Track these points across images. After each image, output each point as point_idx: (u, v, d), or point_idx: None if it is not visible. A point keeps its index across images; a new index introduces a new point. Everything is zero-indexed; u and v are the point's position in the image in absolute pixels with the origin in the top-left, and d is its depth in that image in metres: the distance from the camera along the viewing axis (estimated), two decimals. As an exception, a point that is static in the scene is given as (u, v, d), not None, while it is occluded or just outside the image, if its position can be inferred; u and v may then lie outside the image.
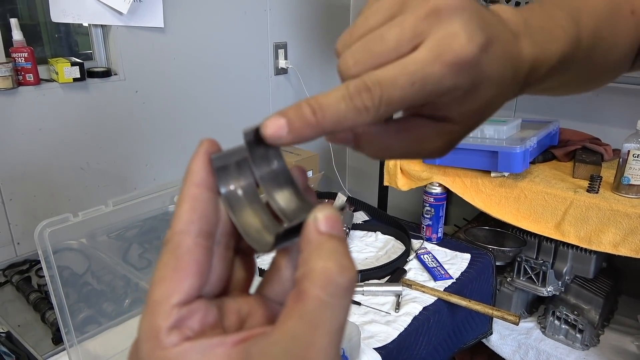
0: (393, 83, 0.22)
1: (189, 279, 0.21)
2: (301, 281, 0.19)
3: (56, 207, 1.40)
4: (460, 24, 0.22)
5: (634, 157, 1.28)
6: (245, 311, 0.23)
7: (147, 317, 0.20)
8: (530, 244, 1.55)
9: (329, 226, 0.20)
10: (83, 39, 1.52)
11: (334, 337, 0.18)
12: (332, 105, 0.22)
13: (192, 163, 0.23)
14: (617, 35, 0.40)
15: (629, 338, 1.49)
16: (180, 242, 0.21)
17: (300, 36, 2.02)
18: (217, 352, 0.19)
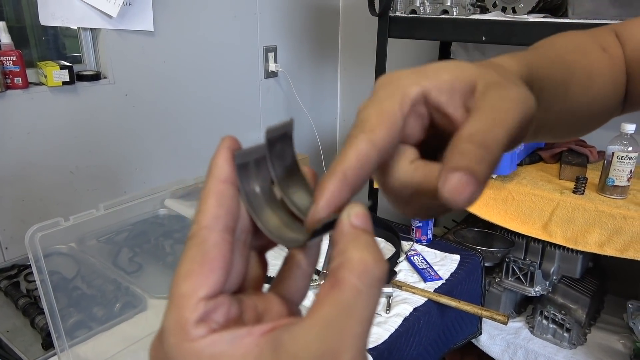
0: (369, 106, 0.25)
1: (215, 273, 0.21)
2: (338, 270, 0.20)
3: (45, 212, 1.39)
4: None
5: (618, 159, 1.30)
6: (261, 308, 0.24)
7: (174, 310, 0.20)
8: (518, 245, 1.57)
9: (362, 221, 0.21)
10: (71, 41, 1.51)
11: (366, 326, 0.19)
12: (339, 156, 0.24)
13: (217, 158, 0.23)
14: (592, 63, 0.42)
15: (615, 336, 1.51)
16: (207, 236, 0.22)
17: (290, 39, 2.03)
18: (245, 342, 0.20)
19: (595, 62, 0.42)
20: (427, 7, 1.54)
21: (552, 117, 0.40)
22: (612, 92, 0.44)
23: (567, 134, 0.48)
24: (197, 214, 0.22)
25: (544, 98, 0.35)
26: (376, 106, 0.24)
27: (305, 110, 2.07)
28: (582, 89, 0.40)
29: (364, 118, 0.24)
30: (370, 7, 1.56)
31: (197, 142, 1.75)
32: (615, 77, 0.44)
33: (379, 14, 1.55)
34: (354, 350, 0.19)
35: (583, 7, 1.29)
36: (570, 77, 0.38)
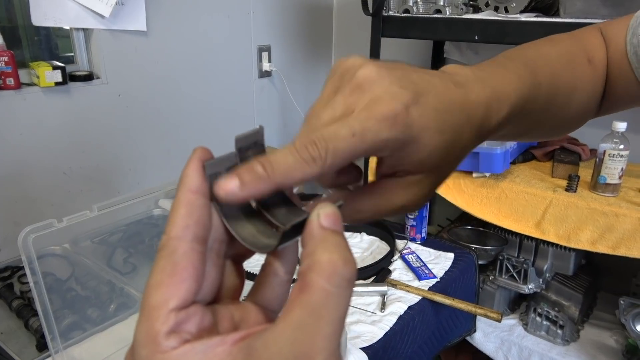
0: (336, 135, 0.24)
1: (186, 283, 0.21)
2: (306, 273, 0.20)
3: (39, 213, 1.38)
4: (381, 89, 0.25)
5: (609, 157, 1.32)
6: (237, 317, 0.24)
7: (144, 323, 0.20)
8: (512, 243, 1.58)
9: (331, 222, 0.21)
10: (64, 41, 1.50)
11: (337, 326, 0.19)
12: (280, 159, 0.23)
13: (187, 169, 0.23)
14: (577, 80, 0.43)
15: (607, 333, 1.53)
16: (177, 247, 0.22)
17: (284, 39, 2.03)
18: (218, 351, 0.20)
19: (580, 79, 0.43)
20: (420, 6, 1.54)
21: (529, 130, 0.42)
22: (589, 103, 0.46)
23: (543, 137, 0.50)
24: (167, 225, 0.22)
25: (521, 124, 0.37)
26: (356, 142, 0.24)
27: (299, 109, 2.07)
28: (561, 107, 0.41)
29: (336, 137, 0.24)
30: (364, 6, 1.56)
31: (191, 143, 1.74)
32: (595, 89, 0.45)
33: (372, 13, 1.56)
34: (326, 352, 0.19)
35: (574, 6, 1.30)
36: (554, 99, 0.39)
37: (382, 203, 0.28)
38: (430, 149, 0.26)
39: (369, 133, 0.24)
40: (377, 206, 0.28)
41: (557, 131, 0.46)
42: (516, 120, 0.34)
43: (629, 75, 0.45)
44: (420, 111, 0.26)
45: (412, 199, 0.28)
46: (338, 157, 0.24)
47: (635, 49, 0.44)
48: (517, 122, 0.35)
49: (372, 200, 0.28)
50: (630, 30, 0.45)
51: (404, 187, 0.28)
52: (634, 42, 0.44)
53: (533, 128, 0.41)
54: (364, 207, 0.28)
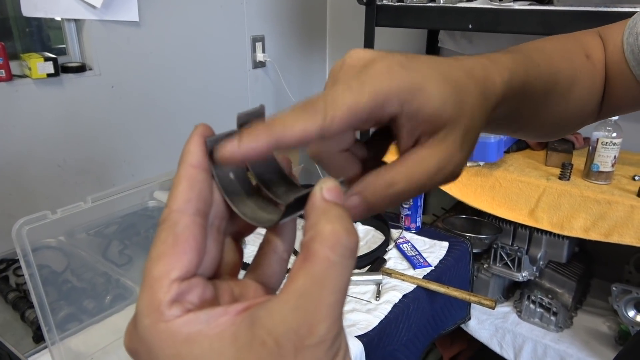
0: (334, 92, 0.24)
1: (188, 255, 0.21)
2: (310, 243, 0.20)
3: (33, 205, 1.38)
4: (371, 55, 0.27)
5: (602, 145, 1.32)
6: (237, 292, 0.24)
7: (147, 293, 0.21)
8: (506, 231, 1.60)
9: (334, 195, 0.21)
10: (55, 33, 1.49)
11: (340, 296, 0.19)
12: (280, 115, 0.23)
13: (189, 145, 0.23)
14: (576, 72, 0.43)
15: (600, 319, 1.55)
16: (178, 219, 0.22)
17: (278, 29, 2.02)
18: (221, 321, 0.20)
19: (578, 70, 0.43)
20: (414, -5, 1.54)
21: (528, 122, 0.42)
22: (589, 99, 0.46)
23: (543, 136, 0.50)
24: (168, 199, 0.23)
25: (522, 108, 0.37)
26: (353, 99, 0.24)
27: (294, 100, 2.06)
28: (561, 97, 0.41)
29: (335, 99, 0.24)
30: (358, -5, 1.55)
31: (185, 134, 1.68)
32: (594, 85, 0.45)
33: (366, 2, 1.55)
34: (330, 320, 0.19)
35: (568, -6, 1.30)
36: (553, 86, 0.39)
37: (416, 169, 0.26)
38: (439, 96, 0.26)
39: (367, 86, 0.24)
40: (411, 174, 0.26)
41: (557, 128, 0.46)
42: (519, 95, 0.34)
43: (627, 76, 0.45)
44: (416, 64, 0.26)
45: (445, 156, 0.27)
46: (339, 110, 0.23)
47: (631, 48, 0.44)
48: (519, 99, 0.34)
49: (404, 169, 0.26)
50: (627, 30, 0.45)
51: (432, 147, 0.27)
52: (630, 41, 0.44)
53: (534, 116, 0.41)
54: (396, 178, 0.26)
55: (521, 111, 0.38)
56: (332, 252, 0.19)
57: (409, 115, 0.26)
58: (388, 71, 0.25)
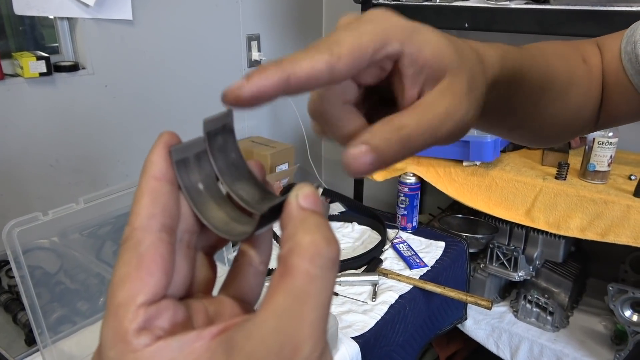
0: (337, 33, 0.23)
1: (154, 276, 0.19)
2: (287, 257, 0.18)
3: (25, 206, 1.36)
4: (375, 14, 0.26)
5: (599, 145, 1.32)
6: (212, 311, 0.22)
7: (111, 321, 0.19)
8: (502, 231, 1.59)
9: (310, 202, 0.20)
10: (49, 31, 1.47)
11: (322, 311, 0.18)
12: (289, 55, 0.22)
13: (151, 155, 0.22)
14: (573, 73, 0.42)
15: (596, 319, 1.55)
16: (142, 238, 0.20)
17: (274, 27, 2.01)
18: (196, 346, 0.18)
19: (575, 72, 0.43)
20: (410, -6, 1.53)
21: (524, 120, 0.41)
22: (586, 103, 0.45)
23: (539, 140, 0.49)
24: (130, 215, 0.21)
25: (517, 96, 0.36)
26: (355, 38, 0.23)
27: (289, 99, 2.05)
28: (558, 95, 0.41)
29: (338, 40, 0.23)
30: (353, -6, 1.55)
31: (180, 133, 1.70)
32: (591, 89, 0.45)
33: (362, 1, 1.54)
34: (313, 339, 0.18)
35: (564, -7, 1.29)
36: (549, 83, 0.39)
37: (424, 113, 0.25)
38: (436, 41, 0.26)
39: (367, 26, 0.24)
40: (421, 117, 0.25)
41: (554, 131, 0.46)
42: (514, 83, 0.33)
43: (625, 85, 0.45)
44: (412, 23, 0.26)
45: (452, 101, 0.26)
46: (343, 48, 0.23)
47: (629, 56, 0.44)
48: (514, 87, 0.34)
49: (413, 114, 0.25)
50: (625, 39, 0.45)
51: (438, 93, 0.26)
52: (628, 50, 0.44)
53: (531, 113, 0.40)
54: (404, 121, 0.25)
55: (516, 101, 0.37)
56: (312, 265, 0.18)
57: (410, 57, 0.25)
58: (384, 15, 0.25)
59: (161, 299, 0.20)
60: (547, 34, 1.32)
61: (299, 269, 0.18)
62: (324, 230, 0.19)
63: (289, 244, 0.19)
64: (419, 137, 0.25)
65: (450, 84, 0.26)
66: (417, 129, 0.25)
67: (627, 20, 0.46)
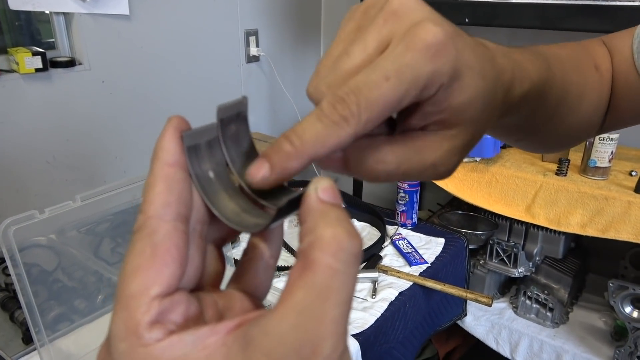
0: (367, 84, 0.21)
1: (169, 267, 0.19)
2: (309, 250, 0.18)
3: (22, 203, 1.35)
4: (422, 14, 0.23)
5: (600, 141, 1.31)
6: (222, 305, 0.22)
7: (122, 313, 0.18)
8: (502, 227, 1.59)
9: (330, 195, 0.19)
10: (45, 27, 1.46)
11: (345, 308, 0.17)
12: (308, 129, 0.21)
13: (163, 140, 0.21)
14: (586, 84, 0.41)
15: (596, 315, 1.54)
16: (157, 227, 0.19)
17: (272, 23, 1.99)
18: (210, 342, 0.18)
19: (588, 82, 0.42)
20: (409, -12, 1.51)
21: (532, 133, 0.40)
22: (595, 113, 0.44)
23: (543, 149, 0.49)
24: (143, 203, 0.20)
25: (532, 119, 0.35)
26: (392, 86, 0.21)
27: (288, 95, 2.04)
28: (570, 110, 0.40)
29: (368, 96, 0.21)
30: (352, -11, 1.53)
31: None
32: (601, 98, 0.44)
33: (361, -4, 1.53)
34: (335, 337, 0.17)
35: (565, -13, 1.28)
36: (563, 98, 0.38)
37: (410, 156, 0.24)
38: (472, 92, 0.24)
39: (407, 70, 0.21)
40: (404, 159, 0.24)
41: (561, 141, 0.46)
42: (533, 105, 0.32)
43: (636, 86, 0.44)
44: (462, 45, 0.23)
45: (444, 157, 0.25)
46: (374, 111, 0.21)
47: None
48: (532, 108, 0.33)
49: (399, 151, 0.24)
50: (637, 40, 0.43)
51: (437, 141, 0.24)
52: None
53: (540, 129, 0.39)
54: (387, 158, 0.24)
55: (529, 122, 0.36)
56: (334, 260, 0.17)
57: (434, 101, 0.23)
58: (437, 45, 0.22)
59: (175, 291, 0.19)
60: (548, 29, 1.31)
61: (321, 263, 0.17)
62: (346, 224, 0.18)
63: (309, 237, 0.18)
64: (391, 176, 0.25)
65: (455, 136, 0.25)
66: (394, 167, 0.24)
67: (629, 16, 0.45)
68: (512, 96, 0.28)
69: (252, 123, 1.08)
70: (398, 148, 0.24)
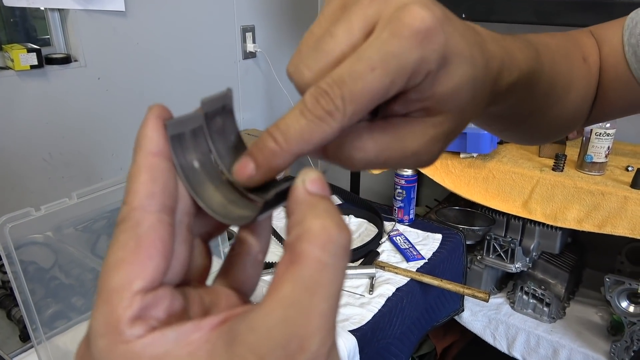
0: (351, 76, 0.20)
1: (153, 261, 0.18)
2: (296, 243, 0.17)
3: (19, 201, 1.35)
4: None
5: (596, 136, 1.32)
6: (208, 301, 0.21)
7: (103, 308, 0.17)
8: (499, 223, 1.59)
9: (318, 187, 0.19)
10: (40, 23, 1.45)
11: (333, 302, 0.17)
12: (292, 125, 0.20)
13: (145, 129, 0.20)
14: (573, 75, 0.41)
15: (593, 309, 1.55)
16: (141, 218, 0.18)
17: (269, 19, 1.98)
18: (193, 338, 0.17)
19: (575, 73, 0.41)
20: (406, -16, 1.51)
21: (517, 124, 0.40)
22: (582, 105, 0.44)
23: (527, 140, 0.48)
24: (127, 194, 0.19)
25: (518, 109, 0.35)
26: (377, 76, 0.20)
27: (285, 92, 2.04)
28: (557, 101, 0.40)
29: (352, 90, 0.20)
30: (349, -16, 1.52)
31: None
32: (589, 90, 0.44)
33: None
34: (323, 332, 0.16)
35: (562, -18, 1.28)
36: (551, 89, 0.37)
37: (392, 144, 0.23)
38: (460, 79, 0.23)
39: (393, 59, 0.20)
40: (384, 147, 0.23)
41: (546, 132, 0.45)
42: (520, 94, 0.32)
43: (625, 79, 0.43)
44: (451, 30, 0.22)
45: (427, 146, 0.24)
46: (360, 104, 0.20)
47: (634, 49, 0.42)
48: (519, 98, 0.32)
49: (379, 139, 0.23)
50: (627, 31, 0.43)
51: (420, 128, 0.23)
52: (632, 42, 0.42)
53: (526, 120, 0.39)
54: (367, 146, 0.23)
55: (515, 112, 0.36)
56: (323, 252, 0.17)
57: (420, 88, 0.22)
58: (424, 31, 0.20)
59: (158, 286, 0.18)
60: (545, 24, 1.31)
61: (310, 256, 0.17)
62: (335, 216, 0.18)
63: (297, 230, 0.17)
64: (371, 164, 0.24)
65: (439, 124, 0.24)
66: (373, 156, 0.23)
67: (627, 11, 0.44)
68: (500, 85, 0.28)
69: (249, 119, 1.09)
70: (378, 135, 0.23)
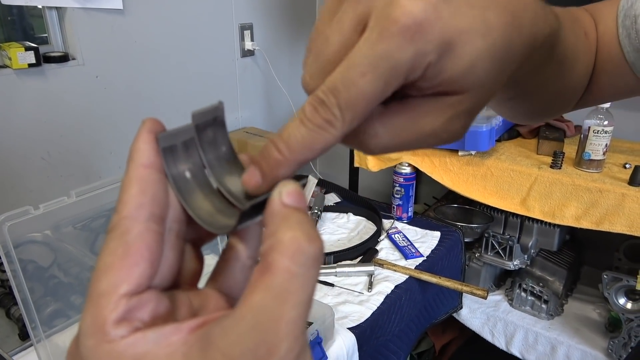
0: (343, 83, 0.20)
1: (139, 266, 0.19)
2: (268, 253, 0.18)
3: (17, 199, 1.35)
4: None
5: (594, 133, 1.32)
6: (196, 304, 0.22)
7: (91, 310, 0.18)
8: (497, 220, 1.59)
9: (294, 199, 0.19)
10: (38, 21, 1.45)
11: (302, 310, 0.18)
12: (294, 135, 0.21)
13: (137, 142, 0.21)
14: (579, 48, 0.39)
15: (590, 306, 1.56)
16: (130, 227, 0.20)
17: (267, 16, 1.98)
18: (172, 340, 0.18)
19: (580, 49, 0.40)
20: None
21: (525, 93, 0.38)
22: (583, 80, 0.43)
23: (523, 117, 0.46)
24: (118, 203, 0.20)
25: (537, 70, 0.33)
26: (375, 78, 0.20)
27: (284, 90, 2.04)
28: (565, 71, 0.38)
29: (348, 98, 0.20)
30: (347, -18, 1.52)
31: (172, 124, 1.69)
32: (589, 66, 0.43)
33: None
34: (291, 338, 0.17)
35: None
36: (565, 56, 0.36)
37: (406, 127, 0.22)
38: (471, 58, 0.21)
39: (382, 62, 0.19)
40: (400, 130, 0.22)
41: (546, 108, 0.44)
42: (543, 56, 0.30)
43: (617, 62, 0.42)
44: (450, 11, 0.20)
45: (445, 125, 0.22)
46: (357, 109, 0.20)
47: (628, 31, 0.41)
48: (542, 60, 0.30)
49: (392, 123, 0.22)
50: (622, 12, 0.42)
51: (437, 108, 0.22)
52: (626, 24, 0.41)
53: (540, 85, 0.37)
54: (379, 132, 0.22)
55: (527, 81, 0.34)
56: (292, 263, 0.18)
57: (427, 77, 0.21)
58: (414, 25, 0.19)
59: (145, 290, 0.19)
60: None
61: (279, 266, 0.18)
62: (306, 227, 0.19)
63: (270, 240, 0.18)
64: (387, 148, 0.23)
65: (460, 102, 0.22)
66: (388, 141, 0.23)
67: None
68: (540, 34, 0.25)
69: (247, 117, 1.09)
70: (391, 120, 0.23)
